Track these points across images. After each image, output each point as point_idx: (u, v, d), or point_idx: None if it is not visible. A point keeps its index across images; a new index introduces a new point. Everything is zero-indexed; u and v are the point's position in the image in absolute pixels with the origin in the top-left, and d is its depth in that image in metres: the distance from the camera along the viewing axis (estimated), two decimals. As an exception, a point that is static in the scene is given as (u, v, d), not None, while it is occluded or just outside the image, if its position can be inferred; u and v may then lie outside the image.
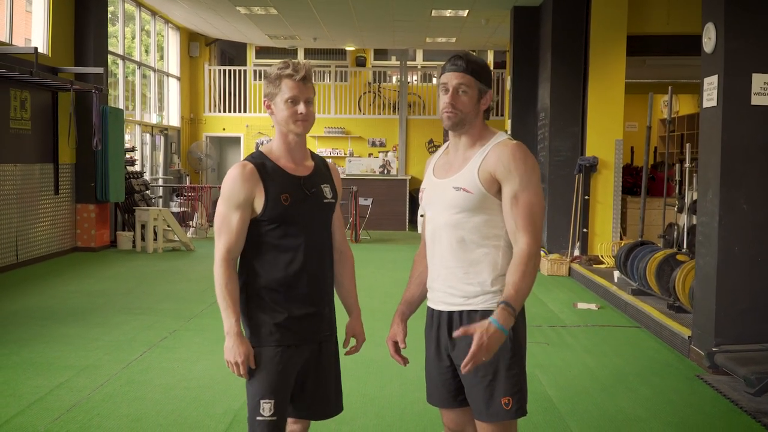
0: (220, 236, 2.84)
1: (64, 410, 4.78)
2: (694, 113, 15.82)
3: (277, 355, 2.84)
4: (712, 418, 4.89)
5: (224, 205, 2.83)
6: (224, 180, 2.87)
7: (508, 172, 2.68)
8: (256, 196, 2.82)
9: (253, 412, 2.83)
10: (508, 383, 2.71)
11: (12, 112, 10.41)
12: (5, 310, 7.75)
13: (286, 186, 2.86)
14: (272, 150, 2.92)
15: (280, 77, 2.84)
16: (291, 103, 2.84)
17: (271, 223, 2.85)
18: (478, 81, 2.75)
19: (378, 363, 5.97)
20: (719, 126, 5.85)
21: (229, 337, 2.79)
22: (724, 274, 5.83)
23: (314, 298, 2.95)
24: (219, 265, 2.82)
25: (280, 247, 2.87)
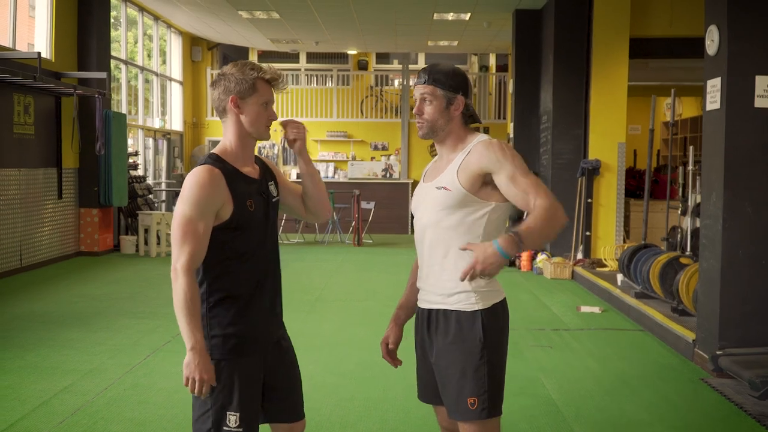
0: (184, 244, 2.63)
1: (68, 414, 4.78)
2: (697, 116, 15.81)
3: (241, 367, 2.76)
4: (716, 421, 4.88)
5: (190, 210, 2.65)
6: (189, 184, 2.69)
7: (497, 162, 2.74)
8: (224, 203, 2.71)
9: (218, 424, 2.71)
10: (474, 384, 2.76)
11: (15, 117, 10.43)
12: (9, 315, 7.75)
13: (248, 191, 2.79)
14: (227, 152, 2.81)
15: (255, 79, 2.75)
16: (266, 106, 2.79)
17: (236, 230, 2.74)
18: (442, 89, 2.81)
19: (381, 367, 5.95)
20: (722, 129, 5.84)
21: (194, 352, 2.59)
22: (728, 277, 5.83)
23: (273, 302, 2.92)
24: (182, 275, 2.61)
25: (242, 254, 2.78)
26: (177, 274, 2.62)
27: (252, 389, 2.79)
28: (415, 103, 2.86)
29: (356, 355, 6.33)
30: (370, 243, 14.98)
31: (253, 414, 2.81)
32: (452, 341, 2.80)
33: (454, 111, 2.84)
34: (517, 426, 4.60)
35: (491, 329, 2.79)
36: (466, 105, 2.85)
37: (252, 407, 2.79)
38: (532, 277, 10.81)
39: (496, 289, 2.87)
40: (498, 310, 2.84)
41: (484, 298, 2.81)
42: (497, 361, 2.81)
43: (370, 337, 7.04)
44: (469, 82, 2.89)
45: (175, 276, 2.63)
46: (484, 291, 2.81)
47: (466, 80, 2.87)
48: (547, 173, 12.01)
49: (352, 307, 8.42)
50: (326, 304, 8.57)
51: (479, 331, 2.77)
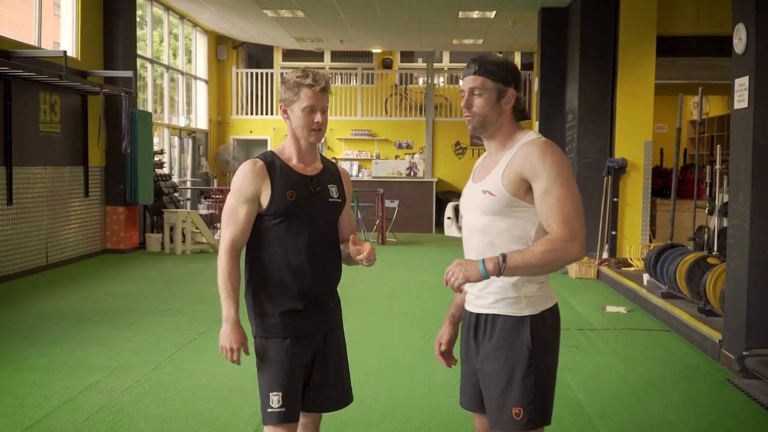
0: (227, 228, 2.94)
1: (93, 411, 4.81)
2: (725, 114, 15.65)
3: (284, 347, 2.93)
4: (742, 422, 4.83)
5: (233, 198, 2.95)
6: (235, 175, 2.99)
7: (535, 169, 2.59)
8: (263, 191, 2.93)
9: (264, 405, 2.92)
10: (520, 393, 2.64)
11: (42, 116, 10.53)
12: (35, 312, 7.83)
13: (292, 183, 2.97)
14: (284, 150, 3.05)
15: (299, 85, 2.93)
16: (309, 111, 2.94)
17: (276, 218, 2.94)
18: (493, 81, 2.68)
19: (406, 366, 5.97)
20: (750, 127, 5.77)
21: (227, 323, 2.90)
22: (755, 277, 5.76)
23: (318, 292, 3.02)
24: (223, 255, 2.93)
25: (285, 241, 2.96)
26: (221, 252, 2.94)
27: (294, 372, 2.95)
28: (463, 96, 2.73)
29: (380, 354, 6.33)
30: (394, 241, 14.97)
31: (295, 396, 2.95)
32: (498, 347, 2.69)
33: (505, 105, 2.71)
34: (542, 426, 4.57)
35: (540, 336, 2.68)
36: (518, 99, 2.72)
37: (293, 389, 2.94)
38: (557, 277, 10.75)
39: (547, 294, 2.74)
40: (548, 316, 2.72)
41: (534, 303, 2.69)
42: (546, 370, 2.69)
43: (395, 335, 7.04)
44: (521, 76, 2.77)
45: (219, 254, 2.95)
46: (534, 296, 2.69)
47: (518, 73, 2.75)
48: (573, 172, 11.92)
49: (376, 306, 8.42)
50: (350, 302, 8.57)
51: (527, 337, 2.65)
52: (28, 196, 10.15)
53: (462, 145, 18.90)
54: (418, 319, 7.76)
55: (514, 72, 2.73)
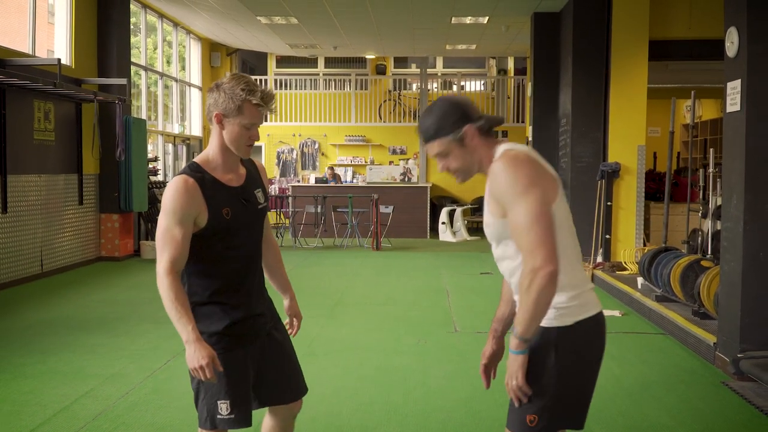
0: (164, 250, 2.80)
1: (89, 419, 4.81)
2: (717, 118, 15.71)
3: (228, 360, 2.91)
4: (737, 425, 4.84)
5: (167, 218, 2.81)
6: (167, 194, 2.83)
7: (499, 193, 2.57)
8: (200, 211, 2.84)
9: (212, 412, 2.94)
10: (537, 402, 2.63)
11: (36, 124, 10.53)
12: (30, 320, 7.82)
13: (225, 200, 2.91)
14: (209, 160, 2.94)
15: (244, 101, 2.83)
16: (248, 128, 2.87)
17: (213, 237, 2.88)
18: (446, 135, 2.64)
19: (401, 371, 5.98)
20: (743, 130, 5.80)
21: (189, 344, 2.76)
22: (749, 279, 5.78)
23: (254, 299, 3.04)
24: (165, 277, 2.77)
25: (221, 258, 2.93)
26: (160, 277, 2.79)
27: (240, 379, 2.96)
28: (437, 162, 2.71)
29: (376, 359, 6.33)
30: (389, 247, 14.98)
31: (244, 401, 2.98)
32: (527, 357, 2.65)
33: (471, 141, 2.65)
34: (537, 430, 4.58)
35: (567, 348, 2.61)
36: (478, 126, 2.66)
37: (241, 395, 2.96)
38: (552, 281, 10.75)
39: (581, 304, 2.63)
40: (582, 327, 2.62)
41: (564, 314, 2.61)
42: (574, 383, 2.64)
43: (390, 341, 7.04)
44: (463, 106, 2.67)
45: (159, 280, 2.79)
46: (565, 306, 2.61)
47: (459, 107, 2.66)
48: (566, 176, 11.96)
49: (371, 312, 8.42)
50: (345, 308, 8.58)
51: (551, 348, 2.60)
52: (22, 205, 10.14)
53: (456, 150, 18.90)
54: (413, 324, 7.77)
55: (455, 111, 2.66)
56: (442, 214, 16.57)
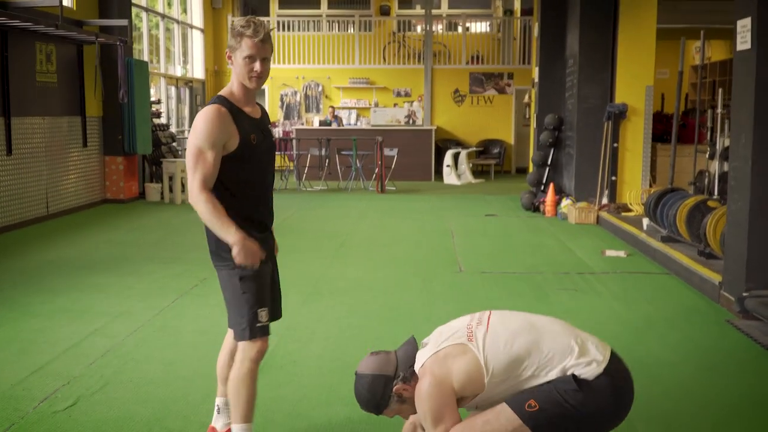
0: (196, 170, 3.09)
1: (98, 355, 4.86)
2: (727, 59, 15.52)
3: (259, 271, 3.23)
4: (742, 362, 4.87)
5: (200, 141, 3.09)
6: (199, 120, 3.11)
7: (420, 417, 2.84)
8: (231, 136, 3.13)
9: (252, 323, 3.22)
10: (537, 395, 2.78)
11: (38, 66, 10.44)
12: (38, 260, 7.86)
13: (251, 128, 3.23)
14: (233, 93, 3.23)
15: (241, 35, 3.13)
16: (249, 60, 3.15)
17: (241, 160, 3.17)
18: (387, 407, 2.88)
19: (407, 309, 6.02)
20: (753, 69, 5.73)
21: (237, 243, 3.06)
22: (756, 218, 5.77)
23: (268, 219, 3.41)
24: (199, 193, 3.07)
25: (246, 179, 3.23)
26: (194, 194, 3.09)
27: (269, 289, 3.34)
28: None
29: (381, 298, 6.37)
30: (394, 190, 14.96)
31: (274, 309, 3.39)
32: None
33: (407, 393, 2.86)
34: (543, 366, 4.61)
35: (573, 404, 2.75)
36: (401, 379, 2.86)
37: (272, 303, 3.36)
38: (557, 223, 10.77)
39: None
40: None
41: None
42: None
43: (395, 280, 7.07)
44: (381, 375, 2.87)
45: (194, 197, 3.09)
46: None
47: (379, 380, 2.86)
48: (572, 118, 11.87)
49: (376, 252, 8.44)
50: (350, 249, 8.60)
51: None
52: (27, 147, 10.11)
53: (461, 93, 18.78)
54: (417, 264, 7.79)
55: (379, 385, 2.86)
56: (447, 157, 16.51)
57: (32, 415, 3.90)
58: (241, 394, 3.23)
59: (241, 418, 3.25)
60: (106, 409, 4.00)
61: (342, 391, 4.25)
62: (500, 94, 18.83)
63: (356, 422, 3.84)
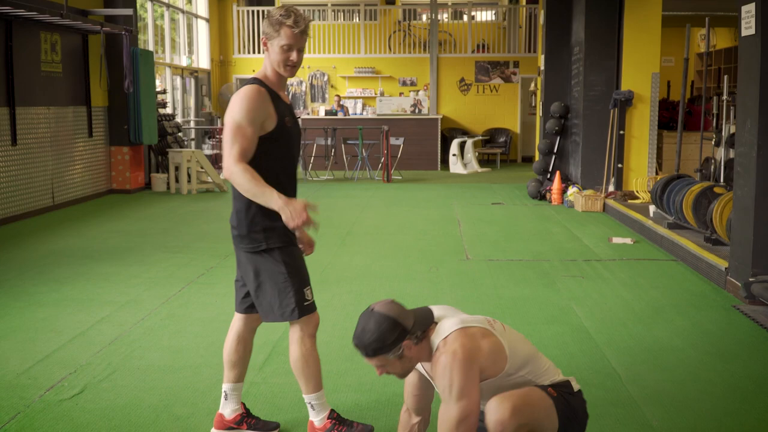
0: (234, 142, 3.13)
1: (106, 343, 4.87)
2: (732, 47, 15.46)
3: (298, 251, 3.38)
4: (748, 347, 4.86)
5: (241, 117, 3.14)
6: (240, 98, 3.18)
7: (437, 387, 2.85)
8: (269, 117, 3.22)
9: (300, 303, 3.29)
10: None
11: (43, 55, 10.44)
12: (44, 250, 7.88)
13: (285, 111, 3.33)
14: (268, 78, 3.31)
15: (281, 24, 3.19)
16: (286, 49, 3.22)
17: (275, 141, 3.27)
18: (386, 353, 2.81)
19: (413, 296, 6.03)
20: (758, 54, 5.70)
21: (283, 208, 3.06)
22: (762, 204, 5.75)
23: None
24: (236, 164, 3.10)
25: (278, 161, 3.31)
26: (231, 166, 3.11)
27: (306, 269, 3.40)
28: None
29: (388, 286, 6.37)
30: (400, 179, 14.95)
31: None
32: None
33: (408, 352, 2.84)
34: (549, 352, 4.60)
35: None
36: (414, 337, 2.84)
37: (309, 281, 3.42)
38: (563, 210, 10.75)
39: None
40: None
41: None
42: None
43: (401, 269, 7.08)
44: (401, 322, 2.83)
45: (231, 169, 3.11)
46: None
47: (397, 325, 2.81)
48: (578, 105, 11.84)
49: (382, 241, 8.44)
50: (357, 237, 8.60)
51: None
52: (32, 137, 10.13)
53: (467, 82, 18.74)
54: (424, 252, 7.79)
55: (394, 330, 2.80)
56: (453, 146, 16.48)
57: (38, 404, 3.91)
58: (310, 369, 3.36)
59: (313, 389, 3.39)
60: (114, 396, 4.01)
61: (349, 378, 4.26)
62: (506, 83, 18.78)
63: (364, 408, 3.85)
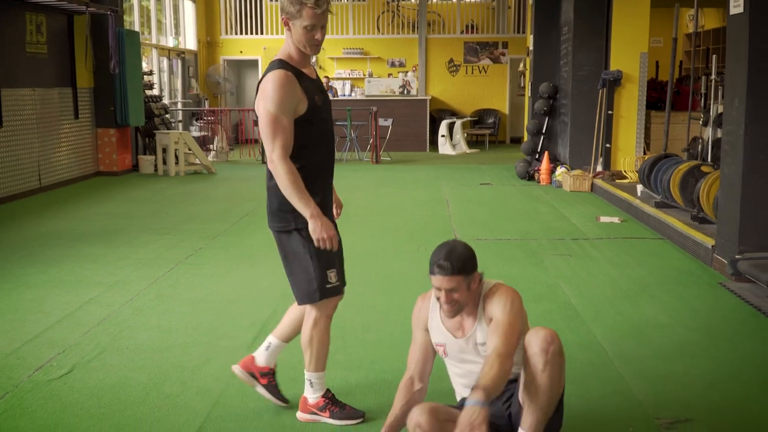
0: (276, 137, 3.14)
1: (94, 324, 4.87)
2: (720, 27, 15.46)
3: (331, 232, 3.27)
4: (734, 323, 4.90)
5: (275, 108, 3.14)
6: (269, 86, 3.15)
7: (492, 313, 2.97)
8: (300, 100, 3.19)
9: (323, 285, 3.30)
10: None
11: (28, 36, 10.35)
12: (32, 232, 7.84)
13: (314, 89, 3.29)
14: (291, 56, 3.27)
15: (302, 4, 3.14)
16: (310, 29, 3.18)
17: (309, 122, 3.24)
18: (464, 276, 2.91)
19: (402, 276, 6.05)
20: (746, 33, 5.71)
21: (314, 218, 3.14)
22: (749, 182, 5.77)
23: (331, 183, 3.46)
24: (280, 163, 3.13)
25: (315, 142, 3.29)
26: (275, 163, 3.14)
27: (338, 251, 3.37)
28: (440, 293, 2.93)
29: (378, 265, 6.39)
30: (389, 160, 14.93)
31: (342, 269, 3.43)
32: None
33: (474, 285, 2.98)
34: (537, 330, 4.64)
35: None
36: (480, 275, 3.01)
37: (341, 264, 3.42)
38: (551, 191, 10.77)
39: None
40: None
41: None
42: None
43: (390, 248, 7.09)
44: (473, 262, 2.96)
45: (274, 166, 3.15)
46: None
47: (475, 258, 2.97)
48: (567, 86, 11.84)
49: (372, 221, 8.44)
50: (346, 218, 8.50)
51: None
52: (18, 119, 10.05)
53: (455, 63, 18.69)
54: (412, 232, 7.80)
55: (475, 259, 2.97)
56: (442, 127, 16.46)
57: (26, 384, 3.91)
58: (321, 348, 3.42)
59: (315, 368, 3.44)
60: (103, 375, 4.01)
61: (338, 355, 4.27)
62: (495, 64, 18.75)
63: (352, 384, 3.87)
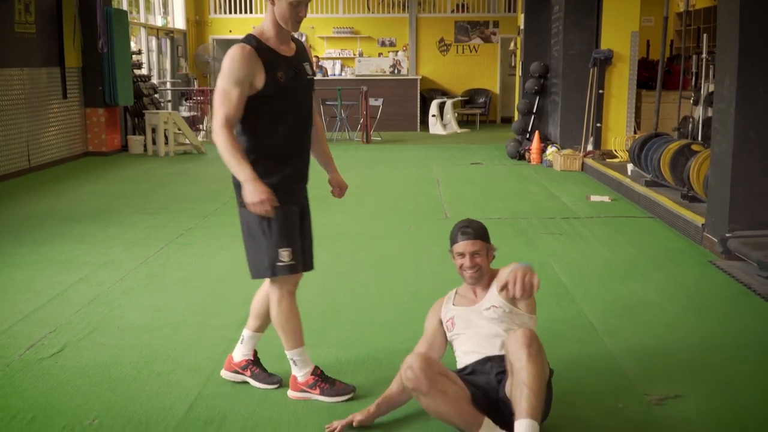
0: (221, 107, 3.15)
1: (85, 303, 4.86)
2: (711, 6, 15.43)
3: (286, 212, 3.27)
4: (724, 301, 4.92)
5: (225, 80, 3.16)
6: (225, 60, 3.19)
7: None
8: (256, 74, 3.18)
9: (273, 262, 3.26)
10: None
11: (17, 16, 10.25)
12: (21, 213, 7.81)
13: (279, 65, 3.25)
14: (263, 32, 3.28)
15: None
16: (295, 6, 3.19)
17: (268, 98, 3.22)
18: (486, 242, 3.32)
19: (394, 255, 6.05)
20: (737, 11, 5.70)
21: (248, 183, 3.11)
22: (739, 160, 5.79)
23: (300, 163, 3.41)
24: (220, 130, 3.13)
25: (274, 118, 3.27)
26: (216, 132, 3.15)
27: (296, 230, 3.34)
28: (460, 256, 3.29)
29: (369, 245, 6.39)
30: (379, 140, 14.90)
31: (300, 249, 3.35)
32: None
33: (491, 256, 3.35)
34: (528, 308, 4.65)
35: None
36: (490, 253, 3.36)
37: (298, 244, 3.33)
38: (542, 170, 10.78)
39: None
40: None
41: None
42: None
43: (381, 228, 7.09)
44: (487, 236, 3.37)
45: (215, 134, 3.16)
46: None
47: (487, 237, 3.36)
48: (558, 65, 11.82)
49: (363, 201, 8.43)
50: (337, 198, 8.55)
51: None
52: (6, 99, 9.97)
53: (446, 42, 18.63)
54: (403, 212, 7.80)
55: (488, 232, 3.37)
56: (432, 107, 16.43)
57: (17, 363, 3.90)
58: (290, 325, 3.40)
59: (293, 345, 3.43)
60: (94, 354, 4.01)
61: (330, 334, 4.28)
62: (486, 43, 18.70)
63: (344, 363, 3.88)
